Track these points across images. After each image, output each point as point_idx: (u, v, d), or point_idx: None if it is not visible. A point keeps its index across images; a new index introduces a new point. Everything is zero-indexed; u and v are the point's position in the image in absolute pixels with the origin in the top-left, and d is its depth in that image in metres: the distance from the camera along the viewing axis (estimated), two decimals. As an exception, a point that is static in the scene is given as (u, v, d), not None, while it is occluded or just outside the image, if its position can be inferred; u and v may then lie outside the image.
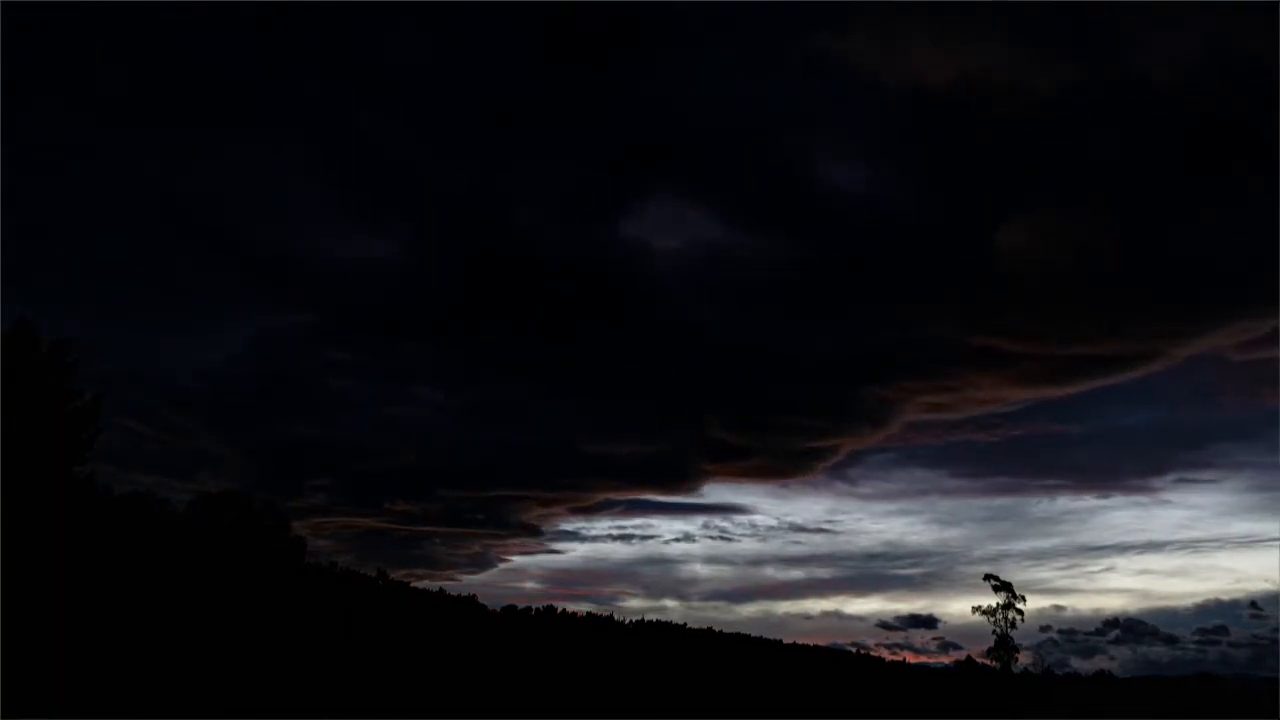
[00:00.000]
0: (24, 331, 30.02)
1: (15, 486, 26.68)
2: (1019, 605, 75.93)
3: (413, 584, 54.17)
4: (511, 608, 61.95)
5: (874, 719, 43.58)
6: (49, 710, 22.70)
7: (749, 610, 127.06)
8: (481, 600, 59.41)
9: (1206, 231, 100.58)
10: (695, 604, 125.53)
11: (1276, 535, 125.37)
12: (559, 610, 63.97)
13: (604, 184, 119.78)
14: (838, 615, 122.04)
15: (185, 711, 25.23)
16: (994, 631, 76.17)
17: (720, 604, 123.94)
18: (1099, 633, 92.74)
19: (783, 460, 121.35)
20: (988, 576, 77.98)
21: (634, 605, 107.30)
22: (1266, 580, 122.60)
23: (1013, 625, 76.09)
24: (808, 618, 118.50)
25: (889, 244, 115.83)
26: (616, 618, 66.68)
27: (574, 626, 60.82)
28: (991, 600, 76.38)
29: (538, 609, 63.56)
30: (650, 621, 68.09)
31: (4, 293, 39.12)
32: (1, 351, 28.78)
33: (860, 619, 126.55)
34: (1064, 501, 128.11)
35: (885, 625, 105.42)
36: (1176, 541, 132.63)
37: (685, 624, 70.56)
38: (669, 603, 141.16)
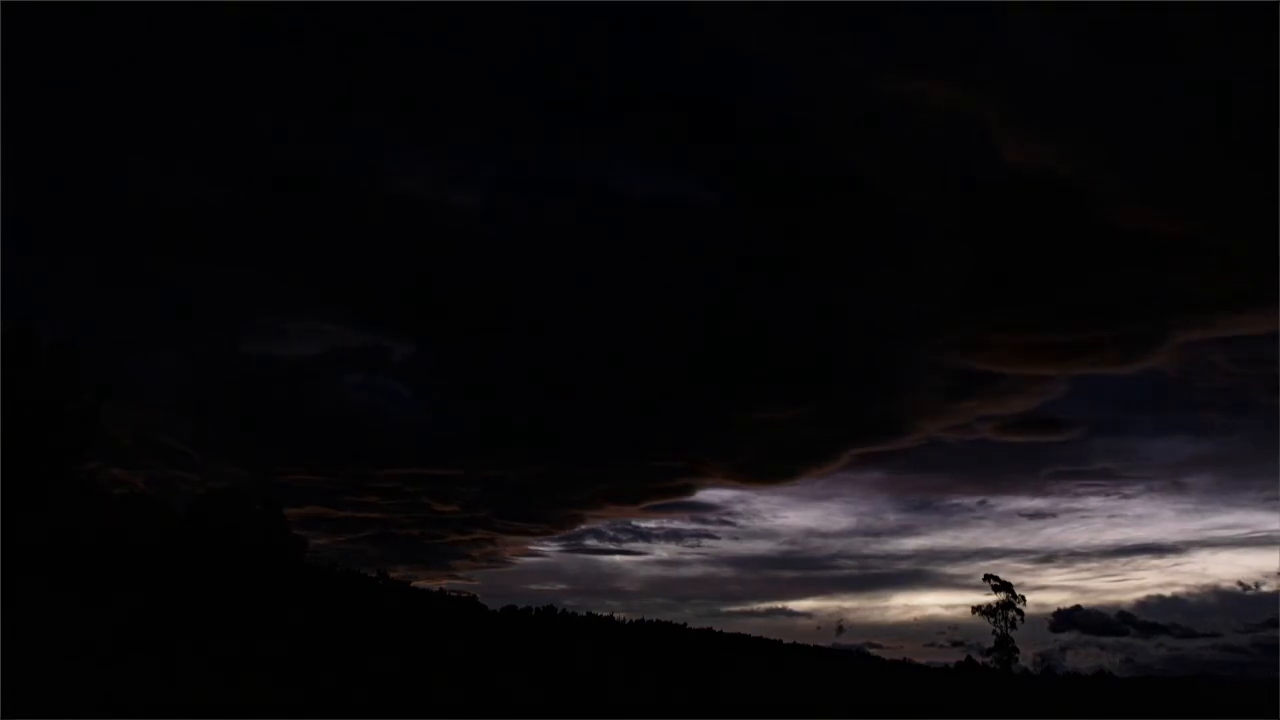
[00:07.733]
0: (23, 331, 30.01)
1: (15, 486, 26.68)
2: (1019, 605, 76.34)
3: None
4: (511, 607, 62.40)
5: (874, 719, 43.57)
6: (49, 710, 22.68)
7: (694, 609, 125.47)
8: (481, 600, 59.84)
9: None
10: (638, 603, 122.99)
11: (1210, 530, 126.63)
12: (559, 610, 64.52)
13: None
14: (785, 613, 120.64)
15: (185, 711, 25.21)
16: (994, 631, 76.53)
17: (665, 600, 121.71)
18: (1052, 628, 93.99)
19: (689, 455, 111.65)
20: (988, 577, 78.36)
21: (572, 604, 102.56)
22: (1207, 576, 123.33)
23: (1013, 625, 76.47)
24: (755, 615, 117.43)
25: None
26: (616, 617, 67.04)
27: (576, 626, 61.11)
28: (991, 599, 76.80)
29: (537, 609, 64.05)
30: (650, 621, 68.35)
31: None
32: (1, 351, 28.78)
33: (808, 615, 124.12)
34: (970, 500, 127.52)
35: (840, 625, 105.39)
36: (1107, 539, 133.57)
37: (685, 624, 70.63)
38: (611, 603, 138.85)
